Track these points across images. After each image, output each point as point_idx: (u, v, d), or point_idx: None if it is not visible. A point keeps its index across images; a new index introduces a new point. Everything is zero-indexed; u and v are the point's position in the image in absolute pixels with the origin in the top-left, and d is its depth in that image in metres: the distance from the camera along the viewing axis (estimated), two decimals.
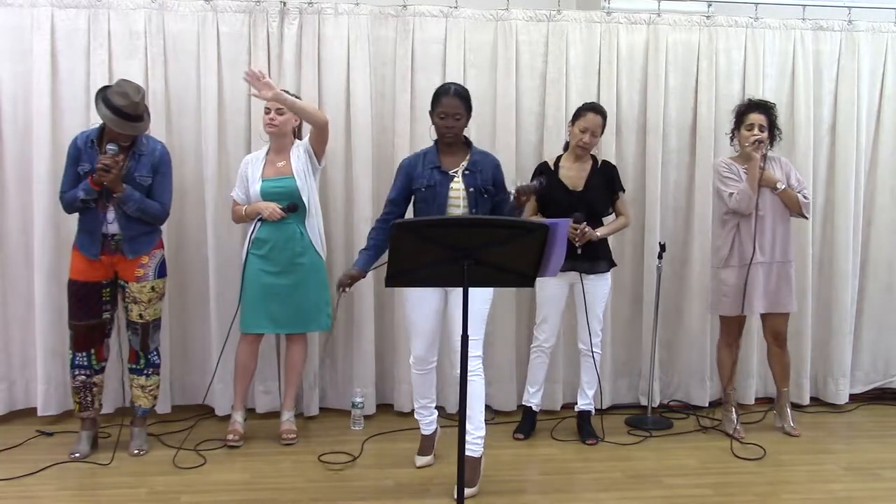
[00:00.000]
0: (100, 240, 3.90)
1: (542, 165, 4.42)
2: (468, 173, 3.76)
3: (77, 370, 4.02)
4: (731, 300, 4.44)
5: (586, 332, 4.36)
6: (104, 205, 3.87)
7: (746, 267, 4.37)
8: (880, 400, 5.22)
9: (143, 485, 3.74)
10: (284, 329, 4.29)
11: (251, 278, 4.17)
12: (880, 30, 4.99)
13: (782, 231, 4.43)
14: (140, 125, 3.86)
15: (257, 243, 4.18)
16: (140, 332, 4.03)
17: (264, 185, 4.17)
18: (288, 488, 3.74)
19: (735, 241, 4.41)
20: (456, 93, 3.76)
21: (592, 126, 4.25)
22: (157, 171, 3.97)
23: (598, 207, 4.36)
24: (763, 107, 4.42)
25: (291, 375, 4.38)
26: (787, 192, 4.38)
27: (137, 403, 4.13)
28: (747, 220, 4.37)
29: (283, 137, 4.23)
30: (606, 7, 4.83)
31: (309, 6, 4.58)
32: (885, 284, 5.15)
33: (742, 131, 4.40)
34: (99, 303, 3.98)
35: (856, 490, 3.84)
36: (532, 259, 2.90)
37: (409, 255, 2.85)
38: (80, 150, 3.91)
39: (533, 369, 4.48)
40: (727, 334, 4.58)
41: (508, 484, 3.84)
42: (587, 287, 4.29)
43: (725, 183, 4.39)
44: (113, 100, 3.77)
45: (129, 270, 3.97)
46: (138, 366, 4.09)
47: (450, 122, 3.73)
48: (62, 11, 4.39)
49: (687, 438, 4.52)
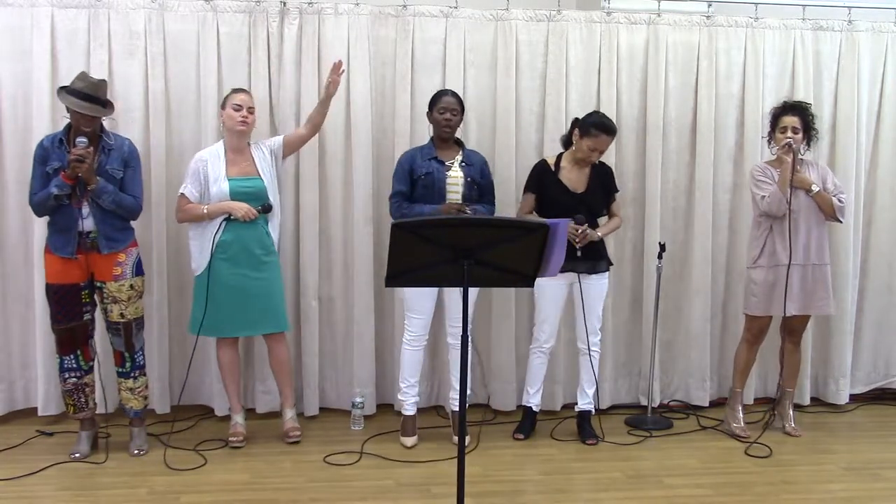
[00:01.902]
0: (75, 237, 3.88)
1: (542, 164, 4.41)
2: (464, 165, 4.25)
3: (67, 373, 4.00)
4: (759, 300, 4.44)
5: (585, 332, 4.36)
6: (79, 200, 3.85)
7: (776, 268, 4.37)
8: (880, 400, 5.22)
9: (142, 485, 3.74)
10: (259, 330, 4.27)
11: (219, 282, 4.10)
12: (880, 30, 4.99)
13: (817, 234, 4.42)
14: (104, 109, 3.88)
15: (222, 246, 4.10)
16: (123, 333, 4.02)
17: (233, 185, 4.12)
18: (288, 488, 3.74)
19: (767, 242, 4.41)
20: (453, 94, 4.32)
21: (603, 147, 4.26)
22: (127, 165, 3.97)
23: (597, 209, 4.37)
24: (798, 108, 4.42)
25: (282, 374, 4.36)
26: (822, 195, 4.37)
27: (129, 406, 4.13)
28: (780, 222, 4.37)
29: (245, 138, 4.21)
30: (606, 7, 4.82)
31: (309, 6, 4.58)
32: (885, 284, 5.15)
33: (776, 134, 4.41)
34: (79, 304, 3.96)
35: (856, 490, 3.84)
36: (532, 259, 2.90)
37: (409, 255, 2.85)
38: (48, 149, 3.90)
39: (532, 370, 4.48)
40: (751, 333, 4.57)
41: (508, 484, 3.84)
42: (585, 287, 4.30)
43: (759, 186, 4.39)
44: (74, 85, 3.85)
45: (106, 270, 3.95)
46: (124, 368, 4.08)
47: (449, 117, 4.22)
48: (62, 11, 4.39)
49: (687, 438, 4.52)
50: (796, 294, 4.39)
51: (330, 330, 4.77)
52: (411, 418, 4.37)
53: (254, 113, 4.18)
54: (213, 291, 4.10)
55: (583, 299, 4.31)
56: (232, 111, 4.13)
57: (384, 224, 4.59)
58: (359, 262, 4.66)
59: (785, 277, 4.35)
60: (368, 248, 4.66)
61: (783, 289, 4.35)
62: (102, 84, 3.92)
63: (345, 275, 4.73)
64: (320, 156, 4.62)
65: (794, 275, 4.37)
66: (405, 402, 4.37)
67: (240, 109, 4.13)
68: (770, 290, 4.41)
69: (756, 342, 4.59)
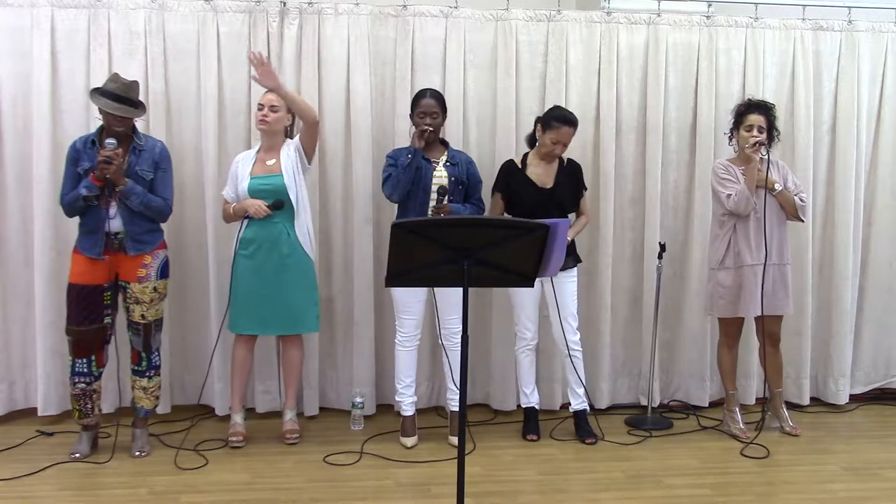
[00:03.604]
0: (103, 238, 3.89)
1: (509, 163, 4.43)
2: (450, 164, 4.27)
3: (77, 378, 3.99)
4: (727, 302, 4.44)
5: (564, 331, 4.35)
6: (107, 201, 3.86)
7: (741, 268, 4.37)
8: (880, 400, 5.22)
9: (143, 485, 3.74)
10: (273, 331, 4.29)
11: (239, 279, 4.16)
12: (880, 30, 4.99)
13: (779, 233, 4.42)
14: (135, 110, 3.90)
15: (244, 243, 4.16)
16: (142, 333, 4.03)
17: (252, 183, 4.16)
18: (288, 488, 3.74)
19: (731, 243, 4.41)
20: (432, 95, 4.28)
21: (565, 139, 4.28)
22: (158, 168, 3.99)
23: (566, 205, 4.39)
24: (763, 107, 4.41)
25: (290, 376, 4.38)
26: (784, 195, 4.37)
27: (140, 405, 4.13)
28: (744, 221, 4.37)
29: (274, 136, 4.22)
30: (606, 7, 4.82)
31: (309, 6, 4.58)
32: (885, 284, 5.15)
33: (741, 132, 4.39)
34: (100, 307, 3.96)
35: (856, 490, 3.84)
36: (532, 259, 2.90)
37: (409, 255, 2.85)
38: (80, 150, 3.93)
39: (523, 369, 4.48)
40: (726, 335, 4.57)
41: (508, 484, 3.84)
42: (556, 285, 4.30)
43: (723, 184, 4.38)
44: (105, 86, 3.89)
45: (131, 271, 3.97)
46: (140, 367, 4.09)
47: (429, 122, 4.19)
48: (62, 11, 4.39)
49: (687, 438, 4.52)
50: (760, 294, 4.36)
51: (330, 330, 4.76)
52: (411, 418, 4.38)
53: (277, 111, 4.16)
54: (234, 287, 4.15)
55: (556, 298, 4.30)
56: (257, 111, 4.18)
57: (384, 224, 4.59)
58: (359, 262, 4.66)
59: (747, 278, 4.34)
60: (368, 248, 4.66)
61: (749, 290, 4.34)
62: (134, 85, 3.94)
63: (345, 275, 4.73)
64: (320, 156, 4.61)
65: (759, 275, 4.35)
66: (403, 402, 4.38)
67: (262, 109, 4.15)
68: (737, 292, 4.40)
69: (734, 343, 4.58)
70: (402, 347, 4.34)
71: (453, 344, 4.25)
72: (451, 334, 4.28)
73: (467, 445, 4.25)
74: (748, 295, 4.36)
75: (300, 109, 4.11)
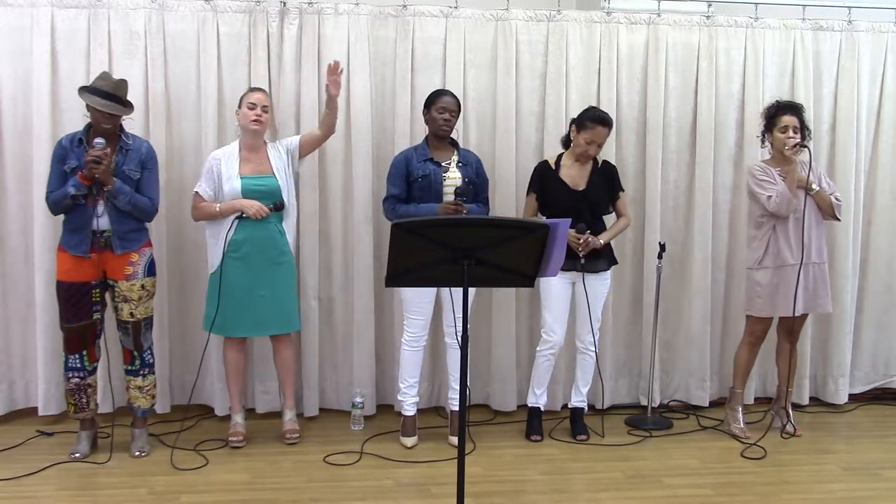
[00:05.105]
0: (89, 236, 3.89)
1: (543, 164, 4.42)
2: (461, 165, 4.26)
3: (71, 373, 4.00)
4: (764, 301, 4.43)
5: (585, 331, 4.37)
6: (94, 199, 3.87)
7: (781, 268, 4.37)
8: (880, 400, 5.22)
9: (143, 485, 3.74)
10: (269, 331, 4.27)
11: (231, 282, 4.11)
12: (880, 30, 4.99)
13: (817, 233, 4.43)
14: (124, 108, 3.91)
15: (234, 245, 4.11)
16: (132, 332, 4.03)
17: (245, 183, 4.13)
18: (288, 488, 3.74)
19: (770, 243, 4.40)
20: (452, 95, 4.29)
21: (600, 140, 4.27)
22: (144, 167, 4.00)
23: (600, 206, 4.37)
24: (794, 108, 4.41)
25: (286, 375, 4.37)
26: (821, 195, 4.38)
27: (136, 404, 4.13)
28: (784, 222, 4.36)
29: (260, 136, 4.22)
30: (606, 7, 4.82)
31: (309, 6, 4.58)
32: (885, 284, 5.15)
33: (776, 134, 4.38)
34: (89, 304, 3.97)
35: (856, 490, 3.84)
36: (532, 259, 2.90)
37: (409, 255, 2.85)
38: (67, 149, 3.92)
39: (541, 371, 4.45)
40: (752, 334, 4.56)
41: (508, 484, 3.85)
42: (588, 286, 4.30)
43: (762, 186, 4.37)
44: (95, 84, 3.90)
45: (118, 269, 3.96)
46: (133, 367, 4.09)
47: (448, 117, 4.21)
48: (62, 11, 4.39)
49: (687, 438, 4.52)
50: (800, 293, 4.39)
51: (330, 330, 4.76)
52: (411, 418, 4.38)
53: (269, 112, 4.19)
54: (223, 290, 4.11)
55: (587, 299, 4.30)
56: (247, 110, 4.15)
57: (384, 224, 4.58)
58: (359, 262, 4.66)
59: (789, 278, 4.35)
60: (368, 248, 4.66)
61: (788, 289, 4.35)
62: (123, 83, 3.96)
63: (345, 275, 4.73)
64: (320, 156, 4.61)
65: (799, 274, 4.35)
66: (405, 402, 4.38)
67: (254, 108, 4.14)
68: (775, 292, 4.40)
69: (758, 343, 4.59)
70: (408, 347, 4.32)
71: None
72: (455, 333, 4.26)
73: (467, 445, 4.25)
74: (790, 294, 4.35)
75: (334, 119, 4.22)
